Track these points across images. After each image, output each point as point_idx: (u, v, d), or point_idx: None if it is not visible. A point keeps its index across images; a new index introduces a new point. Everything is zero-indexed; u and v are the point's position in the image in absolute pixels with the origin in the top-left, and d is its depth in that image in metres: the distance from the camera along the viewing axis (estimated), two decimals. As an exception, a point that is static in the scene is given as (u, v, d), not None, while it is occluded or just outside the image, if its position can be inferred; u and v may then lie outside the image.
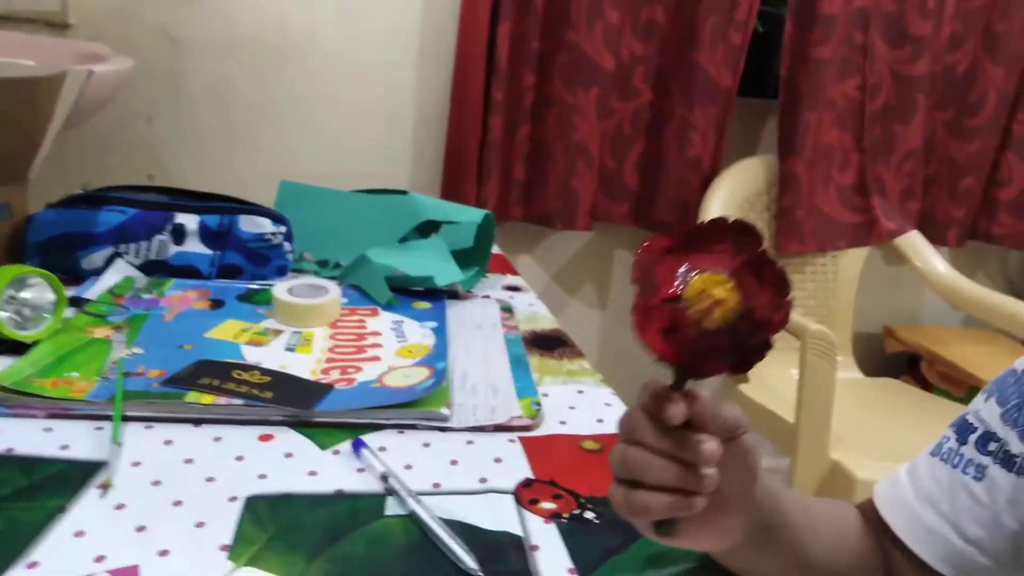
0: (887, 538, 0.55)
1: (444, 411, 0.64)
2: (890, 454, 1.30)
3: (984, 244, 1.99)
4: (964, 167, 1.87)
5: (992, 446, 0.51)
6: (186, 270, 0.88)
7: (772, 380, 1.70)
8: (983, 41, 1.79)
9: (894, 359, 2.06)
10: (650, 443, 0.40)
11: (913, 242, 1.80)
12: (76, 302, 0.78)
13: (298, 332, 0.78)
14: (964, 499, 0.52)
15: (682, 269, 0.37)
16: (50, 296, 0.71)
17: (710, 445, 0.39)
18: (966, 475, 0.52)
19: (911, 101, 1.76)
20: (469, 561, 0.48)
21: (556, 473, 0.60)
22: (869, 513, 0.57)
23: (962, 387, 1.83)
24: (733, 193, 1.70)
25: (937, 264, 1.74)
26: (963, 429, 0.54)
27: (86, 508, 0.51)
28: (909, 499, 0.54)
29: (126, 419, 0.61)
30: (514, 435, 0.64)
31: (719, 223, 0.38)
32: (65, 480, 0.53)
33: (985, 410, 0.53)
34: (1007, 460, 0.50)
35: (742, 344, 0.37)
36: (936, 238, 1.89)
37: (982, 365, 1.82)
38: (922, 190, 1.87)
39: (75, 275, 0.85)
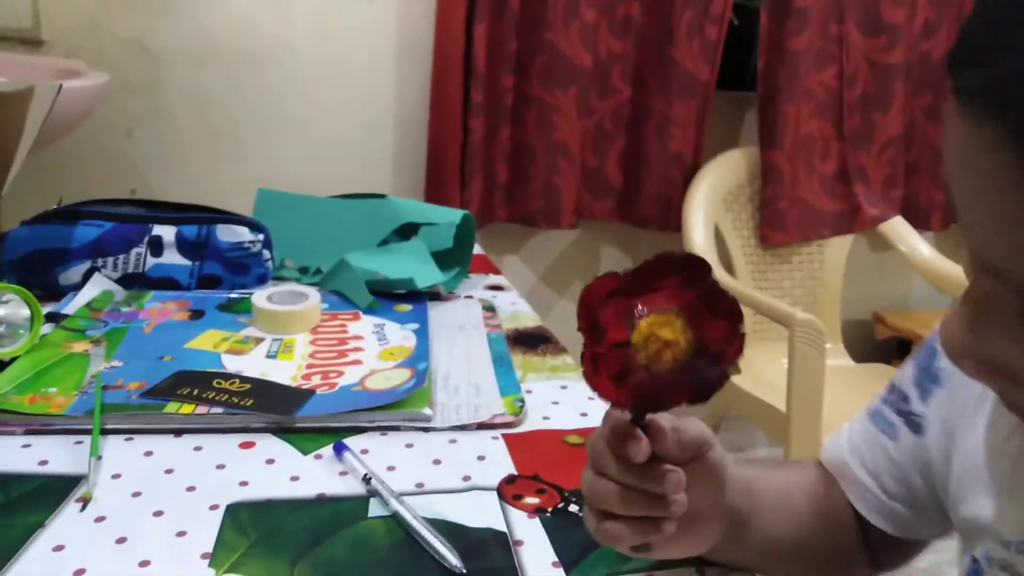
0: (841, 498, 0.56)
1: (426, 411, 0.64)
2: (881, 439, 1.30)
3: (968, 227, 2.00)
4: (945, 152, 1.89)
5: (902, 406, 0.53)
6: (165, 282, 0.87)
7: (763, 370, 1.70)
8: (957, 27, 1.80)
9: (884, 345, 2.07)
10: (614, 477, 0.40)
11: (897, 228, 1.80)
12: (54, 318, 0.77)
13: (279, 339, 0.77)
14: (881, 457, 0.53)
15: (629, 311, 0.35)
16: (25, 312, 0.70)
17: (675, 475, 0.39)
18: (884, 435, 0.53)
19: (888, 89, 1.77)
20: (453, 559, 0.48)
21: (540, 468, 0.59)
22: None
23: (952, 371, 1.84)
24: (715, 186, 1.70)
25: (922, 249, 1.75)
26: (890, 390, 0.55)
27: (66, 522, 0.50)
28: (845, 455, 0.56)
29: (105, 432, 0.60)
30: (497, 432, 0.64)
31: (666, 258, 0.36)
32: (44, 495, 0.53)
33: (907, 370, 0.54)
34: (910, 420, 0.51)
35: (698, 378, 0.36)
36: (920, 223, 1.90)
37: (971, 348, 1.83)
38: (904, 176, 1.88)
39: (53, 291, 0.85)
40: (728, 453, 0.45)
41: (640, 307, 0.35)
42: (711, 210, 1.68)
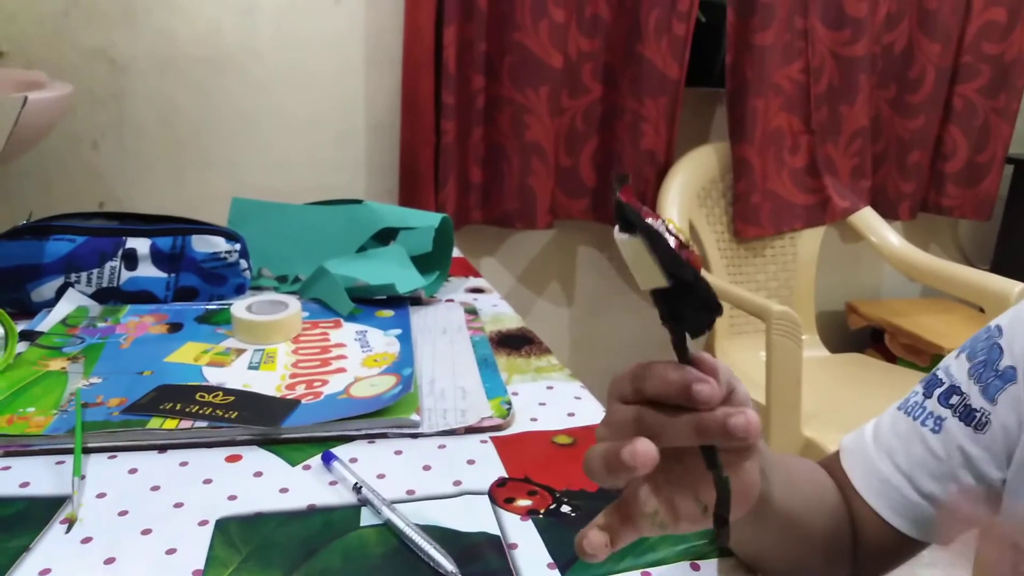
0: (849, 489, 0.56)
1: (414, 417, 0.64)
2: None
3: (935, 216, 2.04)
4: (910, 143, 1.92)
5: (954, 399, 0.52)
6: (141, 295, 0.86)
7: (741, 363, 1.72)
8: (918, 19, 1.83)
9: (858, 334, 2.10)
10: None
11: (867, 218, 1.83)
12: (28, 336, 0.76)
13: (260, 350, 0.76)
14: (920, 451, 0.52)
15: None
16: (-1, 331, 0.69)
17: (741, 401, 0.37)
18: (924, 427, 0.53)
19: (854, 81, 1.80)
20: (448, 565, 0.48)
21: (530, 470, 0.60)
22: (835, 467, 0.58)
23: (925, 357, 1.87)
24: (688, 182, 1.72)
25: (892, 238, 1.78)
26: (931, 384, 0.54)
27: (52, 544, 0.49)
28: (869, 450, 0.55)
29: (88, 451, 0.59)
30: (486, 436, 0.64)
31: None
32: (27, 518, 0.52)
33: (955, 365, 0.54)
34: (967, 414, 0.51)
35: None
36: (889, 213, 1.93)
37: (942, 334, 1.86)
38: (872, 167, 1.91)
39: (25, 309, 0.83)
40: None
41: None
42: (684, 206, 1.69)
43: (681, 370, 0.35)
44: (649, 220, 0.33)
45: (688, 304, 0.34)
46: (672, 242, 0.33)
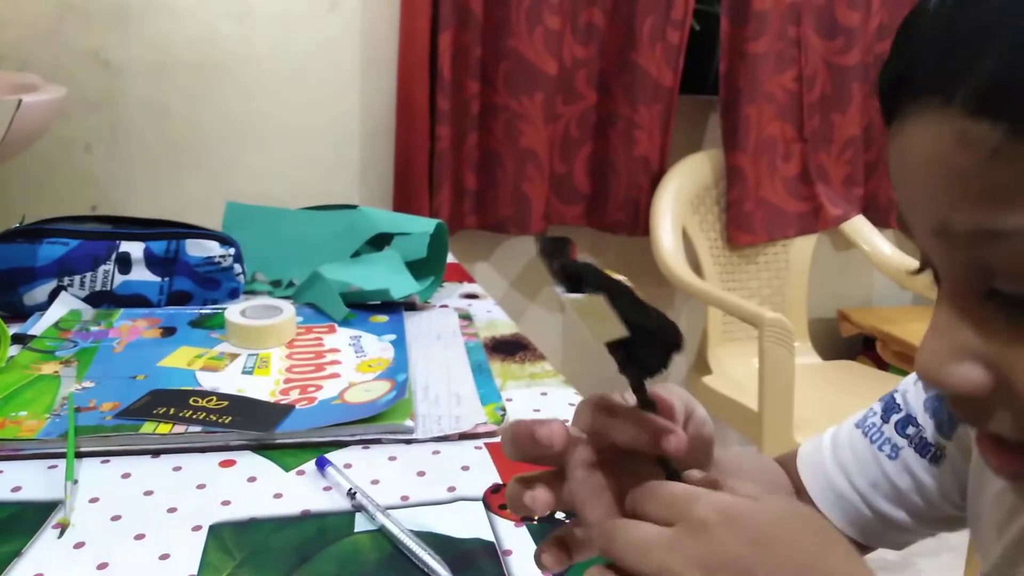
0: (803, 493, 0.56)
1: (408, 423, 0.64)
2: (851, 434, 1.33)
3: (926, 224, 2.05)
4: (902, 151, 1.93)
5: (911, 430, 0.52)
6: (134, 299, 0.86)
7: (734, 370, 1.72)
8: (911, 28, 1.84)
9: (850, 342, 2.11)
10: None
11: (859, 226, 1.84)
12: (21, 339, 0.76)
13: (254, 354, 0.76)
14: (876, 473, 0.53)
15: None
16: (-8, 335, 0.68)
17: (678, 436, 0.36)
18: (881, 452, 0.53)
19: (846, 90, 1.81)
20: (442, 571, 0.48)
21: (524, 476, 0.59)
22: (792, 466, 0.58)
23: (915, 364, 1.88)
24: (682, 190, 1.72)
25: (883, 247, 1.79)
26: (888, 408, 0.55)
27: (43, 549, 0.49)
28: (827, 464, 0.56)
29: (80, 455, 0.59)
30: (480, 442, 0.64)
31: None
32: (19, 523, 0.52)
33: (912, 392, 0.54)
34: (923, 446, 0.51)
35: None
36: (880, 221, 1.94)
37: (932, 342, 1.87)
38: (864, 175, 1.92)
39: (17, 312, 0.83)
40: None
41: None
42: (678, 213, 1.70)
43: (646, 421, 0.35)
44: (611, 275, 0.33)
45: (647, 348, 0.34)
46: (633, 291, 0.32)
